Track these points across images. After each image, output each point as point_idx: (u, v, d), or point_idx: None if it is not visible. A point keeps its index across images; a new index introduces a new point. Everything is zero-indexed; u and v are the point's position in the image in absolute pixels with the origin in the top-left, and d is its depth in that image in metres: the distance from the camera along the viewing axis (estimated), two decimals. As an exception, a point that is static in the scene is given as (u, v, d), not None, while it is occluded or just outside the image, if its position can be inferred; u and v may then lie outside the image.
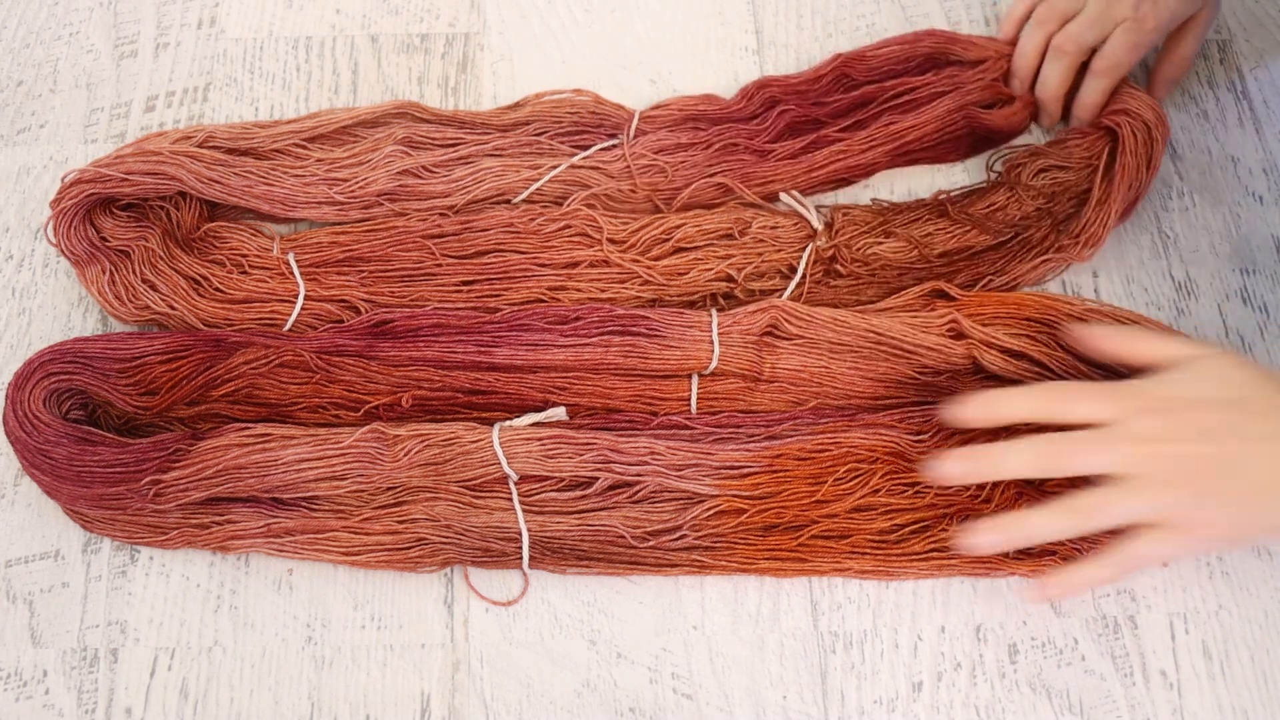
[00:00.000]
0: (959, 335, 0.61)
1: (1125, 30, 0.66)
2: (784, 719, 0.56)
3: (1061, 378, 0.60)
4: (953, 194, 0.67)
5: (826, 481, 0.58)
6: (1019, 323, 0.61)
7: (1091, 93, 0.67)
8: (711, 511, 0.58)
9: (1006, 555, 0.58)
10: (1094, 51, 0.67)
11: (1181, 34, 0.68)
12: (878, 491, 0.58)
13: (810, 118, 0.69)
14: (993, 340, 0.60)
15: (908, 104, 0.69)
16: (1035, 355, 0.60)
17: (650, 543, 0.58)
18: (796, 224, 0.65)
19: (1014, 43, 0.69)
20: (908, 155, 0.69)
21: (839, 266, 0.64)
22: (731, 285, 0.64)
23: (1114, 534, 0.54)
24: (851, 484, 0.58)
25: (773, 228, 0.65)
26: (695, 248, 0.64)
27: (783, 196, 0.67)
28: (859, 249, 0.64)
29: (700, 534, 0.58)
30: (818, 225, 0.65)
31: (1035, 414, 0.55)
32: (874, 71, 0.71)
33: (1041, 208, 0.65)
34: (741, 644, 0.57)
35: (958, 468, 0.55)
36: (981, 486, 0.58)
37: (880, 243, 0.64)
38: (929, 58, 0.71)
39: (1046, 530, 0.54)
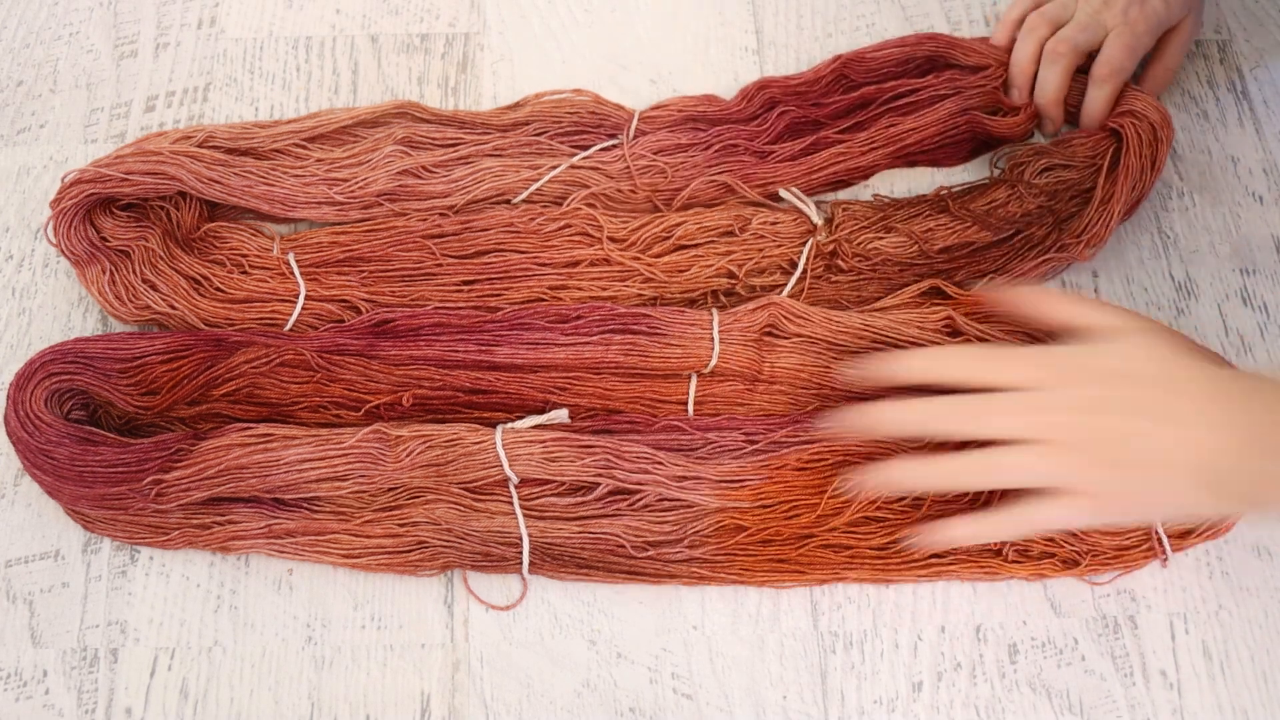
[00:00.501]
0: (955, 332, 0.61)
1: (1118, 34, 0.66)
2: (784, 719, 0.56)
3: None
4: (954, 190, 0.66)
5: (826, 491, 0.58)
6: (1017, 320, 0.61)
7: (1096, 100, 0.67)
8: (712, 528, 0.58)
9: (1006, 558, 0.58)
10: (1089, 55, 0.67)
11: (1164, 45, 0.69)
12: (875, 502, 0.58)
13: (810, 119, 0.69)
14: (989, 336, 0.60)
15: (907, 106, 0.69)
16: None
17: (649, 552, 0.57)
18: (797, 220, 0.65)
19: (1010, 49, 0.70)
20: (908, 157, 0.69)
21: (840, 262, 0.64)
22: (733, 281, 0.64)
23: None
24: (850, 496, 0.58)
25: (773, 223, 0.65)
26: (696, 245, 0.64)
27: (782, 193, 0.66)
28: (859, 244, 0.64)
29: (700, 549, 0.58)
30: (817, 220, 0.65)
31: (959, 375, 0.54)
32: (873, 73, 0.70)
33: (1044, 205, 0.65)
34: (741, 644, 0.57)
35: (879, 417, 0.54)
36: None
37: (881, 238, 0.64)
38: (929, 60, 0.71)
39: (950, 478, 0.53)
